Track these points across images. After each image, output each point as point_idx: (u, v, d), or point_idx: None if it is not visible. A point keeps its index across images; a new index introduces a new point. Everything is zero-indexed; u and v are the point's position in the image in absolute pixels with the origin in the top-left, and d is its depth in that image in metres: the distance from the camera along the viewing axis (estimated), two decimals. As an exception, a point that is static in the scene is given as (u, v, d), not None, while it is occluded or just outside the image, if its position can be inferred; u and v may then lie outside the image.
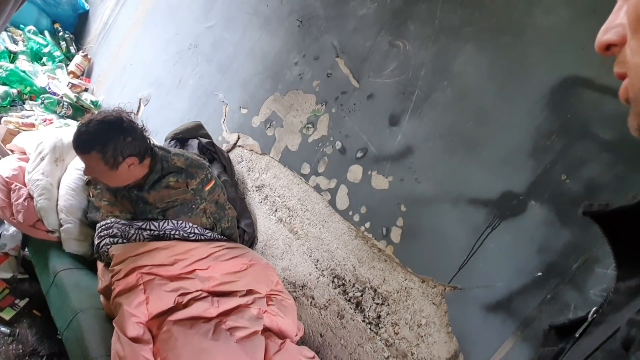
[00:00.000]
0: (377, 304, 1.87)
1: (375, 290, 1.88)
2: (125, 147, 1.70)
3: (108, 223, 1.86)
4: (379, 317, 1.85)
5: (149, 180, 1.84)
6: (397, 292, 1.82)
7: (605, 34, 0.49)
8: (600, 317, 0.53)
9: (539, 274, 1.48)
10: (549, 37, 1.56)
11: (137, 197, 1.87)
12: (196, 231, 1.96)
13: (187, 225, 1.94)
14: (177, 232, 1.91)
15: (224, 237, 2.07)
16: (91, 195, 1.96)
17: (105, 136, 1.66)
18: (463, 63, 1.76)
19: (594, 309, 0.55)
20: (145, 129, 1.80)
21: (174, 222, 1.91)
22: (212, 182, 1.95)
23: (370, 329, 1.87)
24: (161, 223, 1.89)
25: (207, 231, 2.00)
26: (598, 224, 0.54)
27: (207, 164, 2.00)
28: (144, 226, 1.87)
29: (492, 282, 1.57)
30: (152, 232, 1.87)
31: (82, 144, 1.66)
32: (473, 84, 1.73)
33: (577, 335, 0.55)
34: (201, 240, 1.95)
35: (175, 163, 1.90)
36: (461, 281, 1.64)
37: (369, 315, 1.88)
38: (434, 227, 1.76)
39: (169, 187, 1.87)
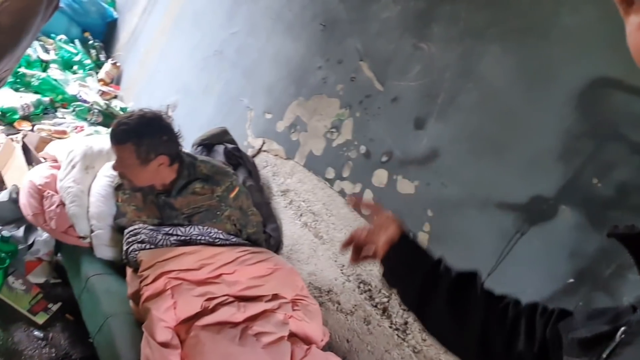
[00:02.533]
0: (404, 309, 1.85)
1: (401, 296, 1.86)
2: (160, 144, 1.75)
3: (136, 229, 1.89)
4: (406, 323, 1.83)
5: (176, 185, 1.87)
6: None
7: None
8: (629, 337, 0.52)
9: (571, 280, 1.44)
10: (576, 37, 1.52)
11: (164, 203, 1.90)
12: (221, 237, 1.98)
13: (213, 231, 1.96)
14: (203, 238, 1.93)
15: (249, 242, 2.08)
16: (119, 200, 2.00)
17: (143, 130, 1.71)
18: (489, 65, 1.73)
19: (623, 329, 0.54)
20: (180, 134, 1.84)
21: (200, 227, 1.94)
22: (237, 189, 1.97)
23: (397, 335, 1.85)
24: (187, 229, 1.92)
25: (232, 237, 2.02)
26: (625, 246, 0.55)
27: (232, 171, 2.02)
28: (170, 232, 1.90)
29: (522, 288, 1.53)
30: (178, 237, 1.90)
31: (120, 133, 1.70)
32: (499, 85, 1.70)
33: (604, 356, 0.53)
34: (226, 245, 1.96)
35: (202, 170, 1.93)
36: (490, 287, 1.61)
37: (396, 322, 1.87)
38: (461, 232, 1.73)
39: (195, 193, 1.90)
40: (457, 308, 0.81)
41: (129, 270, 1.85)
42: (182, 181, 1.88)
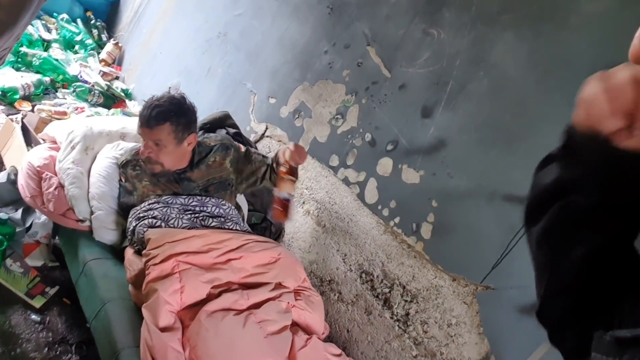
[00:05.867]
0: (406, 301, 1.82)
1: (404, 287, 1.84)
2: (191, 124, 1.84)
3: (151, 203, 1.89)
4: (407, 314, 1.81)
5: (192, 160, 1.94)
6: (427, 290, 1.76)
7: None
8: None
9: None
10: (594, 24, 1.46)
11: (181, 178, 1.94)
12: (232, 213, 2.02)
13: (227, 205, 2.01)
14: (217, 210, 1.97)
15: (254, 232, 2.08)
16: (124, 180, 1.97)
17: (178, 109, 1.78)
18: (501, 52, 1.68)
19: None
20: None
21: (215, 199, 1.98)
22: (243, 148, 2.08)
23: (398, 326, 1.83)
24: (204, 199, 1.96)
25: (240, 220, 2.04)
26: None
27: (226, 138, 2.13)
28: (187, 202, 1.93)
29: (528, 282, 1.50)
30: (194, 208, 1.93)
31: (158, 114, 1.74)
32: (511, 74, 1.65)
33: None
34: (235, 230, 1.96)
35: (209, 143, 2.02)
36: (494, 281, 1.58)
37: (397, 312, 1.84)
38: (466, 223, 1.69)
39: (209, 166, 1.98)
40: None
41: (129, 253, 1.82)
42: (197, 156, 1.95)
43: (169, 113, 1.75)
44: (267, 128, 2.66)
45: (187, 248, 1.72)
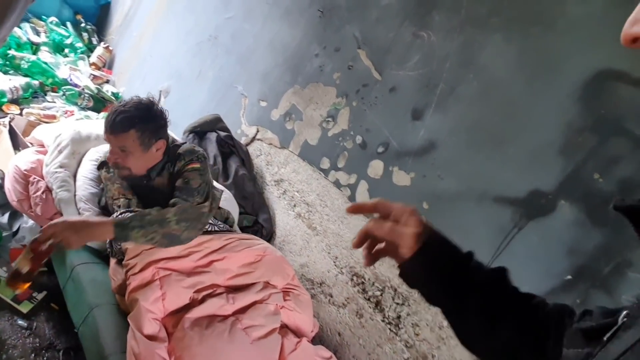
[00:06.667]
0: (397, 304, 1.81)
1: (395, 290, 1.83)
2: (159, 129, 1.74)
3: (122, 213, 1.83)
4: (398, 317, 1.80)
5: (155, 167, 1.82)
6: (418, 293, 1.76)
7: (634, 25, 0.48)
8: (631, 320, 0.51)
9: (569, 277, 1.41)
10: (581, 27, 1.47)
11: (145, 185, 1.84)
12: (209, 221, 1.91)
13: None
14: None
15: (237, 230, 2.03)
16: (103, 180, 1.95)
17: (144, 115, 1.69)
18: (490, 55, 1.69)
19: (625, 312, 0.53)
20: (169, 119, 1.83)
21: None
22: (196, 165, 1.81)
23: (389, 329, 1.82)
24: None
25: (220, 223, 1.97)
26: (630, 220, 0.52)
27: (202, 152, 1.88)
28: None
29: (518, 284, 1.49)
30: None
31: (123, 121, 1.65)
32: (500, 76, 1.65)
33: (605, 339, 0.52)
34: (215, 231, 1.92)
35: (178, 151, 1.86)
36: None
37: (388, 315, 1.84)
38: (457, 226, 1.69)
39: (170, 172, 1.84)
40: (489, 309, 0.74)
41: (112, 262, 1.80)
42: (160, 163, 1.83)
43: (134, 119, 1.66)
44: (258, 131, 2.66)
45: (166, 254, 1.68)
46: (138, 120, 1.67)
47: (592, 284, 1.36)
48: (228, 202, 2.24)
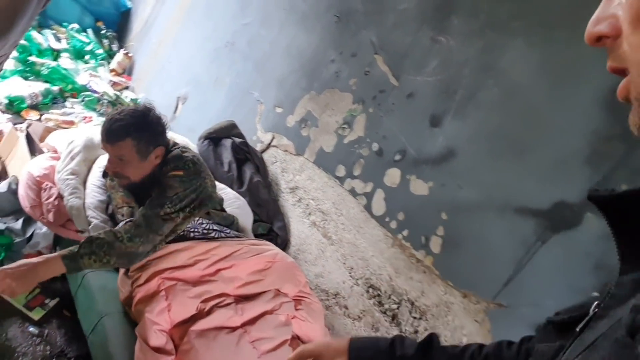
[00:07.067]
0: (415, 317, 1.75)
1: (412, 303, 1.77)
2: (157, 136, 1.70)
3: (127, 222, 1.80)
4: (416, 332, 1.74)
5: (152, 175, 1.76)
6: (437, 307, 1.70)
7: (597, 25, 0.47)
8: (603, 310, 0.51)
9: (595, 294, 1.33)
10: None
11: (145, 194, 1.77)
12: (214, 227, 1.88)
13: (204, 221, 1.88)
14: (195, 228, 1.83)
15: (244, 235, 1.99)
16: (108, 188, 1.93)
17: (140, 123, 1.64)
18: (511, 60, 1.62)
19: (596, 303, 0.53)
20: (168, 125, 1.78)
21: None
22: (179, 173, 1.72)
23: (405, 343, 1.76)
24: None
25: (226, 228, 1.93)
26: (602, 212, 0.52)
27: (192, 157, 1.78)
28: None
29: (542, 300, 1.43)
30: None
31: (118, 129, 1.61)
32: (522, 82, 1.59)
33: (577, 329, 0.53)
34: (222, 238, 1.88)
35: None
36: (507, 298, 1.51)
37: (405, 330, 1.77)
38: (477, 237, 1.63)
39: (168, 178, 1.74)
40: None
41: (120, 273, 1.77)
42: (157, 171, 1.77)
43: (130, 127, 1.61)
44: (273, 138, 2.62)
45: (172, 263, 1.65)
46: (134, 128, 1.62)
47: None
48: (242, 209, 2.21)
